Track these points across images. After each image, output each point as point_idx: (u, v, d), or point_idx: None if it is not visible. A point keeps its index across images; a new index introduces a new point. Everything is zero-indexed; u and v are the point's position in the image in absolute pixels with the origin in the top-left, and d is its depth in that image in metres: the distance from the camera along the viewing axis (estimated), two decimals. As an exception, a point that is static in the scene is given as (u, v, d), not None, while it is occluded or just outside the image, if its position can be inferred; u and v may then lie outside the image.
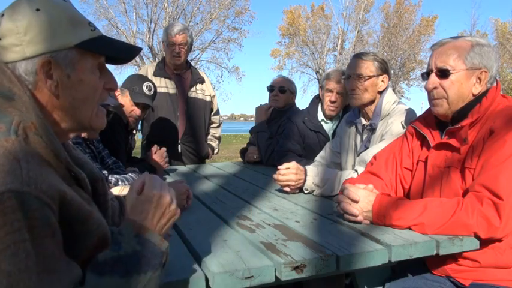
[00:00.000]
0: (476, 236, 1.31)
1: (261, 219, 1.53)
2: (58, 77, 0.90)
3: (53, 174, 0.82)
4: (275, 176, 1.97)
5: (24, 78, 0.87)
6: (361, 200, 1.45)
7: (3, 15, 0.87)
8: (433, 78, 1.52)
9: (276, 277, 1.09)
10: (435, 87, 1.52)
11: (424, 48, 28.40)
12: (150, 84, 2.51)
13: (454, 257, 1.41)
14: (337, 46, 30.35)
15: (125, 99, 2.45)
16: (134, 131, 2.70)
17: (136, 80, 2.52)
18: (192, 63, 3.39)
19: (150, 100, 2.50)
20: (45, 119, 0.86)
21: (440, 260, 1.43)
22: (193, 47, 3.79)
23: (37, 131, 0.82)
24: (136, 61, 24.23)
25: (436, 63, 1.51)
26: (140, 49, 1.07)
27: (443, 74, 1.49)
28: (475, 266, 1.39)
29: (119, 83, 2.62)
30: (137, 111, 2.48)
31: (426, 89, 1.55)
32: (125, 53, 1.03)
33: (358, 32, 29.70)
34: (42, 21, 0.88)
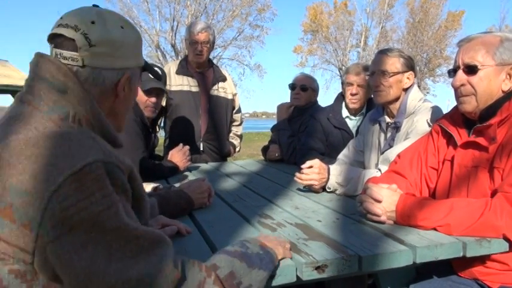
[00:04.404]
0: (505, 238, 1.26)
1: (283, 218, 1.53)
2: (128, 89, 1.03)
3: None
4: (297, 175, 1.93)
5: (99, 82, 0.97)
6: (385, 199, 1.42)
7: (93, 22, 0.96)
8: (460, 74, 1.47)
9: (297, 277, 1.09)
10: (462, 84, 1.47)
11: (451, 44, 27.74)
12: (156, 68, 2.38)
13: (481, 259, 1.36)
14: (360, 42, 29.94)
15: (139, 94, 2.39)
16: (157, 129, 2.70)
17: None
18: (214, 61, 3.39)
19: (159, 83, 2.41)
20: (100, 112, 0.97)
21: (467, 262, 1.39)
22: (215, 44, 3.80)
23: (88, 122, 0.93)
24: (159, 59, 24.54)
25: (463, 60, 1.46)
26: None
27: (471, 70, 1.44)
28: (504, 269, 1.35)
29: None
30: (152, 99, 2.41)
31: (453, 86, 1.51)
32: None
33: (382, 27, 29.22)
34: (129, 39, 1.01)
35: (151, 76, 2.37)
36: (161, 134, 3.17)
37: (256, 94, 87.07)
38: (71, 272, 0.74)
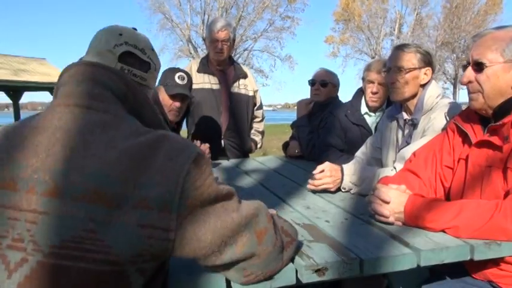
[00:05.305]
0: (516, 241, 1.23)
1: (292, 218, 1.53)
2: None
3: None
4: (310, 181, 1.93)
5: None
6: (393, 200, 1.41)
7: (153, 49, 1.15)
8: (469, 71, 1.43)
9: (297, 279, 1.10)
10: (470, 81, 1.43)
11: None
12: (182, 74, 2.47)
13: (495, 261, 1.34)
14: (394, 30, 29.14)
15: (163, 96, 2.44)
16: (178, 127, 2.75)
17: (168, 73, 2.50)
18: (245, 54, 3.42)
19: (185, 89, 2.45)
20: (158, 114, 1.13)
21: (480, 264, 1.36)
22: (246, 36, 3.81)
23: None
24: (190, 53, 24.83)
25: (472, 56, 1.42)
26: None
27: (479, 67, 1.40)
28: (518, 272, 1.31)
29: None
30: (176, 103, 2.45)
31: (460, 83, 1.47)
32: None
33: (417, 14, 28.33)
34: None
35: (177, 81, 2.45)
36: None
37: (288, 85, 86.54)
38: (211, 231, 0.91)
